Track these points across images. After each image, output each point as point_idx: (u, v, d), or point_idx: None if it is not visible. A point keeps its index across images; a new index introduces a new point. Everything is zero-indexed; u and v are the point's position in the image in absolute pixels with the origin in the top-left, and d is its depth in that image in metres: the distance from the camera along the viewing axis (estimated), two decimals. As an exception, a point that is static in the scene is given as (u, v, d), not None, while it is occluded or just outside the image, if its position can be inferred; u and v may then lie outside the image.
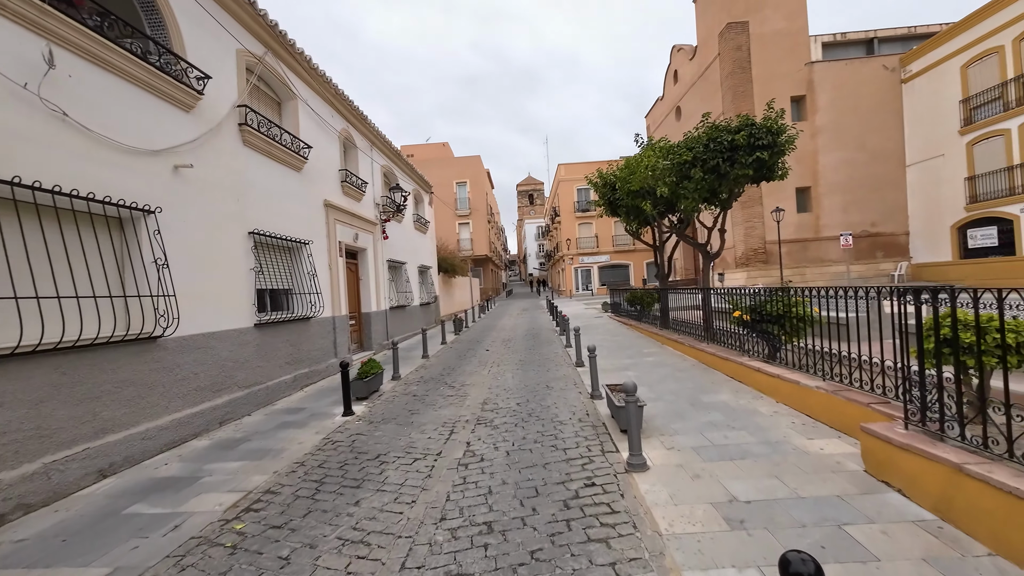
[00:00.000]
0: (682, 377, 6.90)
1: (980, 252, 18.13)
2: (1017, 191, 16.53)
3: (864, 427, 3.45)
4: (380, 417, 5.96)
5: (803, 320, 6.07)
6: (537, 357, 9.75)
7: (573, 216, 38.79)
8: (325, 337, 8.95)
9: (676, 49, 28.36)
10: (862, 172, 21.21)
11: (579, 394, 6.41)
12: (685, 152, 8.26)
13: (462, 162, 38.51)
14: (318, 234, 9.00)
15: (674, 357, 8.55)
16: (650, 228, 13.08)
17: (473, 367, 9.12)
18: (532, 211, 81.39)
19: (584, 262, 38.53)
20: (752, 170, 7.93)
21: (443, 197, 34.94)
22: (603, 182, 12.32)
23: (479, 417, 5.66)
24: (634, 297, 14.40)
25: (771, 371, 5.49)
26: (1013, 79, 16.47)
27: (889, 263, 21.40)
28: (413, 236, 16.22)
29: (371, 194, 12.17)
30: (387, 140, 13.26)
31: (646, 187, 9.47)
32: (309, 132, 8.90)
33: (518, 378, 7.77)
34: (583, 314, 19.60)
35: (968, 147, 18.22)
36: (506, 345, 11.96)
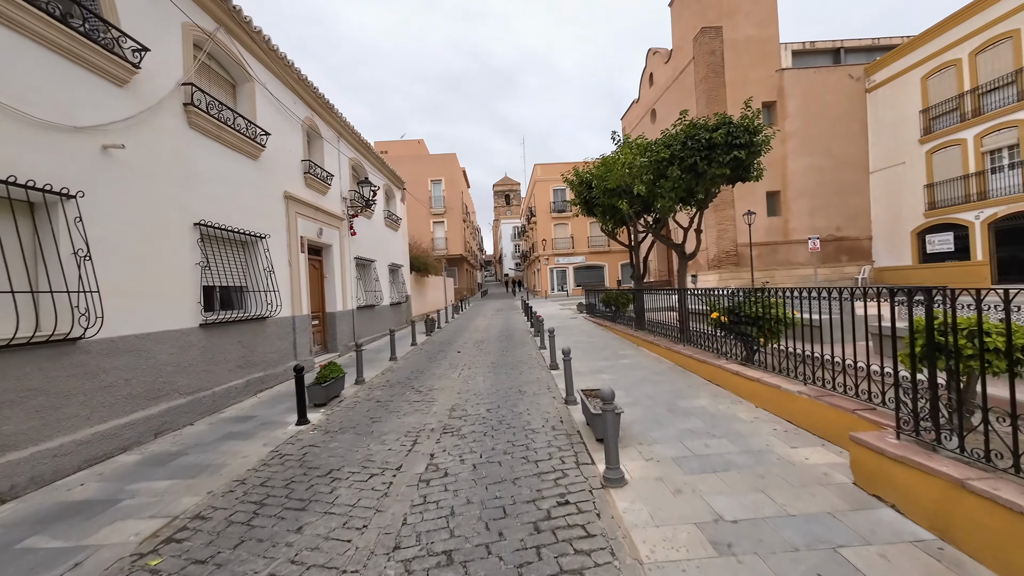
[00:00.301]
0: (659, 380, 6.68)
1: (937, 257, 18.84)
2: (972, 199, 17.23)
3: (854, 437, 3.24)
4: (338, 426, 5.48)
5: (781, 322, 5.96)
6: (510, 359, 9.40)
7: (549, 216, 38.69)
8: (283, 338, 8.36)
9: (652, 52, 28.59)
10: (828, 178, 21.79)
11: (553, 399, 6.09)
12: (663, 150, 8.08)
13: (437, 160, 37.88)
14: (277, 228, 8.40)
15: (650, 359, 8.35)
16: (626, 228, 12.94)
17: (443, 370, 8.70)
18: (508, 211, 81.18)
19: (560, 263, 38.48)
20: (729, 169, 7.81)
21: (417, 195, 34.23)
22: (579, 180, 12.09)
23: (446, 425, 5.26)
24: (609, 298, 14.24)
25: (750, 375, 5.30)
26: (969, 91, 17.17)
27: (853, 267, 22.06)
28: (383, 233, 15.63)
29: (337, 188, 11.57)
30: (356, 132, 12.67)
31: (623, 185, 9.26)
32: (268, 118, 8.30)
33: (489, 382, 7.40)
34: (558, 315, 19.39)
35: (928, 156, 18.93)
36: (478, 347, 11.57)
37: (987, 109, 16.63)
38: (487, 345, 11.76)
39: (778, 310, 5.88)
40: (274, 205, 8.41)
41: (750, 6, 22.01)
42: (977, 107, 16.94)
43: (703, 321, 8.03)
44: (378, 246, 14.77)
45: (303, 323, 9.03)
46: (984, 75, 16.68)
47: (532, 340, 12.15)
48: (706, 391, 5.95)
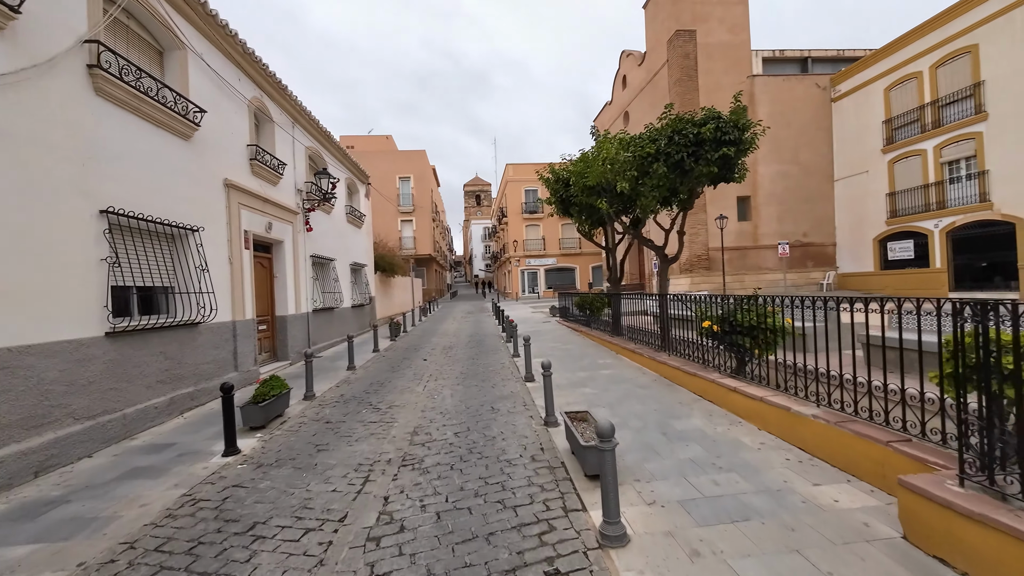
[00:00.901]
0: (645, 396, 6.07)
1: (898, 264, 19.35)
2: (932, 207, 17.73)
3: (905, 482, 2.66)
4: (274, 456, 4.56)
5: (777, 332, 5.47)
6: (481, 369, 8.62)
7: (521, 217, 38.10)
8: (221, 347, 7.28)
9: (625, 54, 28.48)
10: (796, 184, 22.12)
11: (530, 419, 5.36)
12: (648, 144, 7.53)
13: (406, 156, 36.59)
14: (214, 220, 7.32)
15: (632, 370, 7.76)
16: (603, 230, 12.41)
17: (406, 382, 7.83)
18: (479, 212, 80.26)
19: (531, 264, 37.95)
20: (717, 167, 7.33)
21: (385, 192, 32.90)
22: (555, 178, 11.46)
23: (406, 455, 4.44)
24: (584, 302, 13.69)
25: (752, 392, 4.74)
26: (930, 103, 17.68)
27: (818, 272, 22.48)
28: (345, 230, 14.53)
29: (291, 178, 10.48)
30: (313, 119, 11.59)
31: (603, 183, 8.67)
32: (205, 94, 7.21)
33: (458, 396, 6.61)
34: (530, 318, 18.74)
35: (890, 165, 19.43)
36: (447, 354, 10.72)
37: (946, 121, 17.14)
38: (456, 352, 10.93)
39: (774, 319, 5.42)
40: (211, 194, 7.32)
41: (723, 11, 22.11)
42: (937, 119, 17.45)
43: (687, 328, 7.53)
44: (339, 244, 13.68)
45: (246, 328, 7.96)
46: (944, 88, 17.20)
47: (504, 346, 11.41)
48: (699, 409, 5.37)
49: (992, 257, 15.96)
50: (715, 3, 22.07)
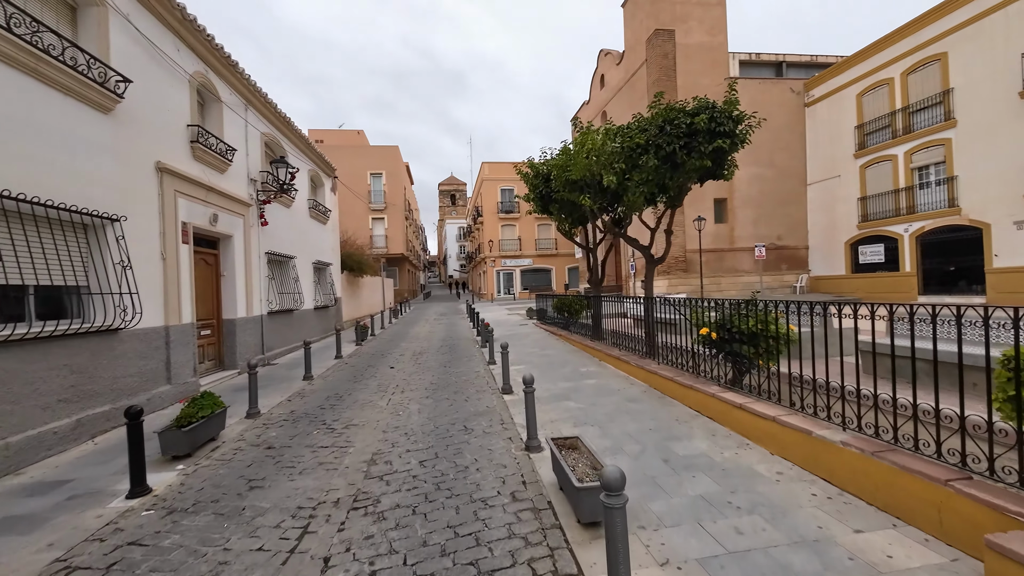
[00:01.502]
0: (638, 412, 5.44)
1: (869, 267, 19.60)
2: (902, 212, 17.99)
3: (996, 544, 2.09)
4: (193, 498, 3.69)
5: (780, 340, 4.96)
6: (453, 379, 7.85)
7: (496, 217, 37.38)
8: (149, 356, 6.27)
9: (603, 53, 28.18)
10: (771, 187, 22.21)
11: (509, 441, 4.64)
12: (637, 134, 6.94)
13: (378, 152, 35.32)
14: (143, 209, 6.30)
15: (618, 379, 7.15)
16: (583, 229, 11.83)
17: (368, 394, 6.98)
18: (454, 211, 79.15)
19: (506, 265, 37.27)
20: (710, 161, 6.80)
21: (356, 188, 31.61)
22: (535, 173, 10.79)
23: (359, 492, 3.65)
24: (562, 304, 13.11)
25: (762, 411, 4.16)
26: (900, 109, 17.94)
27: (792, 275, 22.65)
28: (308, 226, 13.46)
29: (243, 166, 9.45)
30: (270, 102, 10.55)
31: (587, 177, 8.05)
32: (133, 63, 6.19)
33: (427, 413, 5.82)
34: (506, 321, 18.03)
35: (861, 170, 19.66)
36: (417, 360, 9.89)
37: (917, 127, 17.41)
38: (427, 358, 10.11)
39: (777, 325, 4.92)
40: (140, 178, 6.29)
41: (701, 12, 22.01)
42: (908, 125, 17.71)
43: (673, 333, 6.99)
44: (300, 240, 12.62)
45: (183, 334, 6.94)
46: (914, 95, 17.46)
47: (479, 352, 10.65)
48: (700, 428, 4.78)
49: (960, 261, 16.25)
50: (694, 4, 21.95)
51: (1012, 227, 14.57)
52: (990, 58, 14.94)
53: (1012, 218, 14.56)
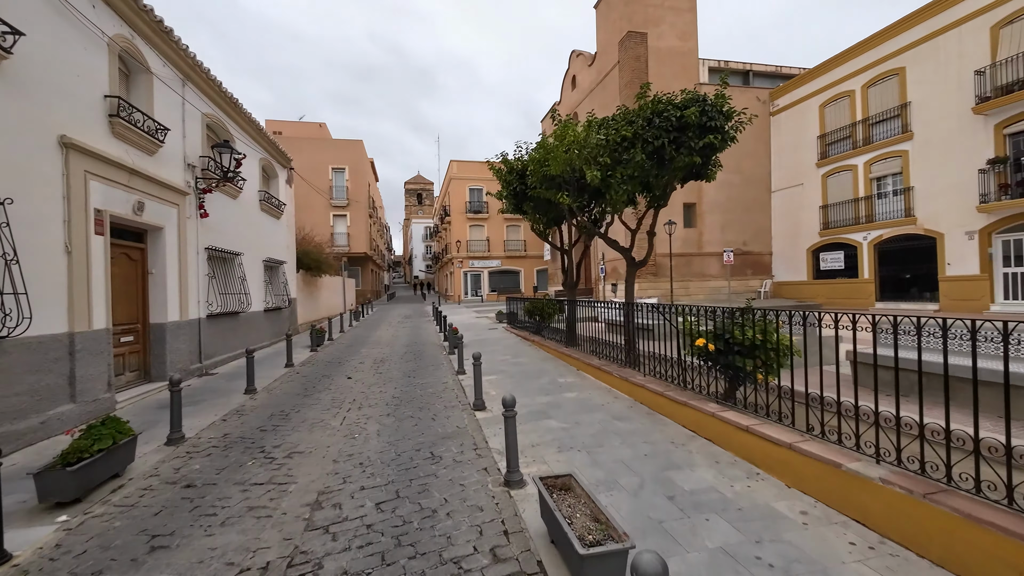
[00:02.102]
0: (627, 432, 4.87)
1: (830, 274, 20.12)
2: (861, 221, 18.53)
3: None
4: (68, 568, 2.78)
5: (781, 352, 4.54)
6: (418, 392, 7.06)
7: (464, 217, 36.50)
8: (45, 369, 5.16)
9: (575, 55, 27.95)
10: (737, 194, 22.52)
11: (484, 473, 3.95)
12: (623, 127, 6.41)
13: (341, 146, 33.71)
14: (40, 191, 5.21)
15: (600, 392, 6.58)
16: (558, 229, 11.28)
17: (320, 411, 6.10)
18: (420, 211, 77.60)
19: (474, 266, 36.45)
20: (700, 157, 6.37)
21: (317, 183, 30.03)
22: (509, 168, 10.13)
23: (296, 552, 2.86)
24: (534, 308, 12.50)
25: (774, 436, 3.66)
26: (861, 121, 18.50)
27: (756, 280, 23.06)
28: (258, 220, 12.27)
29: (179, 149, 8.31)
30: (214, 80, 9.40)
31: (567, 172, 7.47)
32: (27, 11, 5.10)
33: (387, 435, 5.04)
34: (475, 324, 17.27)
35: (823, 179, 20.18)
36: (377, 369, 9.01)
37: (876, 139, 17.97)
38: (389, 367, 9.24)
39: (779, 336, 4.50)
40: (35, 153, 5.19)
41: (673, 17, 22.08)
42: (867, 136, 18.27)
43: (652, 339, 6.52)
44: (249, 235, 11.44)
45: (94, 342, 5.83)
46: (874, 107, 18.03)
47: (446, 360, 9.88)
48: (700, 452, 4.24)
49: (915, 269, 16.83)
50: (666, 8, 21.99)
51: (964, 237, 15.16)
52: (945, 74, 15.53)
53: (964, 228, 15.15)
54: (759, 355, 4.67)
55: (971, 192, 14.70)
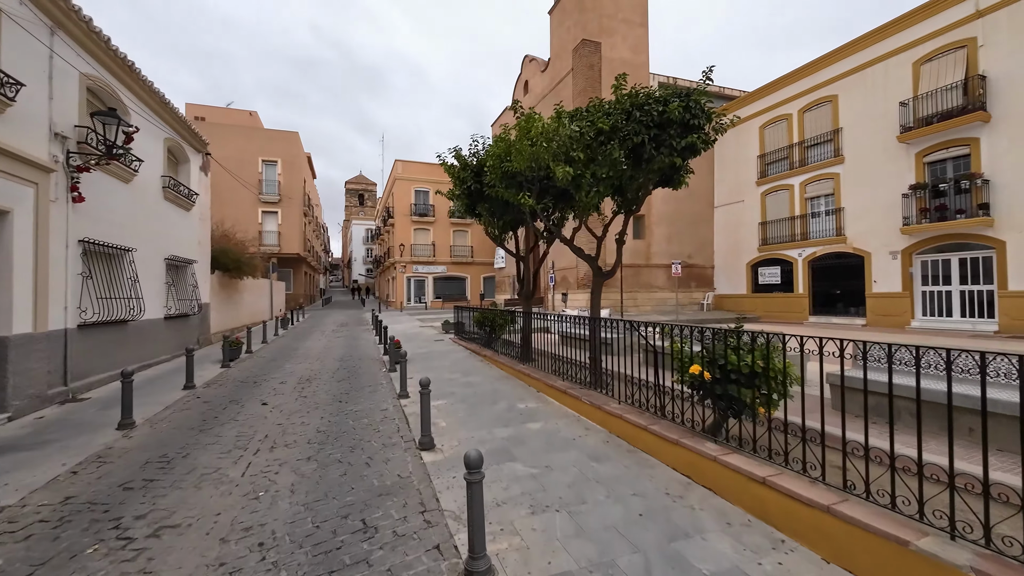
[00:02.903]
0: (610, 479, 4.01)
1: (767, 288, 20.91)
2: (797, 238, 19.40)
3: None
4: None
5: (784, 380, 3.95)
6: (351, 423, 5.82)
7: (409, 220, 34.81)
8: None
9: (528, 60, 27.56)
10: (683, 207, 22.96)
11: (437, 557, 2.90)
12: (600, 119, 5.66)
13: (274, 137, 30.92)
14: None
15: (568, 422, 5.72)
16: (514, 233, 10.42)
17: (215, 455, 4.72)
18: (362, 212, 74.20)
19: (418, 271, 34.81)
20: (681, 158, 5.76)
21: (245, 175, 27.22)
22: (462, 165, 9.14)
23: None
24: (485, 318, 11.53)
25: (806, 496, 2.94)
26: (797, 143, 19.44)
27: (700, 292, 23.61)
28: (159, 210, 10.32)
29: (44, 113, 6.52)
30: (100, 35, 7.61)
31: (531, 170, 6.62)
32: None
33: (304, 493, 3.83)
34: (419, 335, 15.95)
35: (762, 196, 21.02)
36: (302, 391, 7.60)
37: (810, 161, 18.93)
38: (316, 388, 7.84)
39: (785, 363, 3.89)
40: None
41: (626, 29, 22.25)
42: (803, 158, 19.22)
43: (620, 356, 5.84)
44: (146, 228, 9.52)
45: None
46: (809, 131, 19.01)
47: (386, 378, 8.62)
48: (704, 508, 3.46)
49: (845, 285, 17.76)
50: (619, 20, 22.12)
51: (888, 256, 16.15)
52: (873, 104, 16.58)
53: (888, 248, 16.15)
54: (759, 384, 4.05)
55: (896, 214, 15.69)
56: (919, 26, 15.26)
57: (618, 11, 22.21)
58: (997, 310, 13.47)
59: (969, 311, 14.19)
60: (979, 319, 13.91)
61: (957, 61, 14.26)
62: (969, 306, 14.19)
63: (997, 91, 13.44)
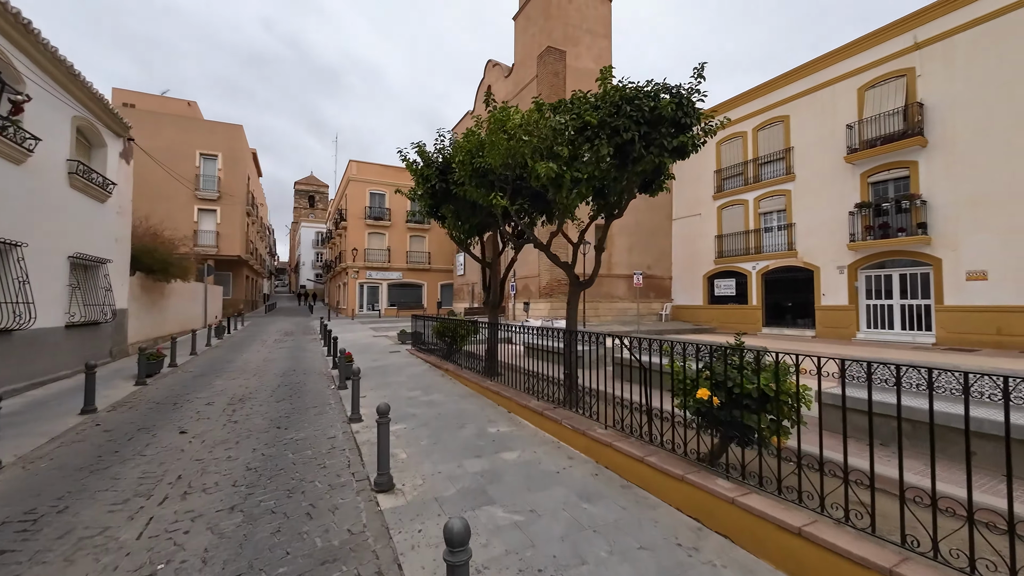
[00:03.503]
0: (610, 527, 3.38)
1: (723, 300, 21.39)
2: (751, 251, 19.98)
3: None
4: None
5: (791, 404, 3.55)
6: (290, 456, 4.87)
7: (363, 223, 33.18)
8: None
9: (491, 64, 27.14)
10: (643, 218, 23.19)
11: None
12: (588, 112, 5.13)
13: (215, 129, 28.53)
14: None
15: (549, 449, 5.06)
16: (480, 239, 9.73)
17: (104, 508, 3.66)
18: (312, 214, 70.85)
19: (372, 277, 33.18)
20: (671, 159, 5.34)
21: (179, 169, 24.88)
22: (427, 162, 8.37)
23: None
24: (445, 328, 10.73)
25: (860, 555, 2.43)
26: (752, 160, 20.11)
27: (658, 303, 23.85)
28: (65, 200, 8.79)
29: None
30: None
31: (505, 167, 5.99)
32: None
33: (221, 564, 2.92)
34: (373, 345, 14.81)
35: (719, 210, 21.58)
36: (232, 415, 6.48)
37: (764, 177, 19.62)
38: (250, 410, 6.74)
39: (799, 386, 3.49)
40: None
41: (590, 40, 22.34)
42: (757, 174, 19.89)
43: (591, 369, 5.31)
44: (44, 219, 8.02)
45: None
46: (763, 149, 19.72)
47: (334, 396, 7.62)
48: (728, 565, 2.90)
49: (796, 298, 18.40)
50: (584, 30, 22.18)
51: (835, 271, 16.85)
52: (821, 125, 17.38)
53: (835, 263, 16.85)
54: (770, 409, 3.61)
55: (843, 231, 16.40)
56: (863, 54, 16.16)
57: (583, 21, 22.28)
58: (934, 323, 14.26)
59: (909, 324, 14.96)
60: (918, 332, 14.68)
61: (898, 89, 15.16)
62: (909, 319, 14.97)
63: (934, 118, 14.36)
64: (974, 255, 13.46)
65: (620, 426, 4.73)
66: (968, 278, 13.54)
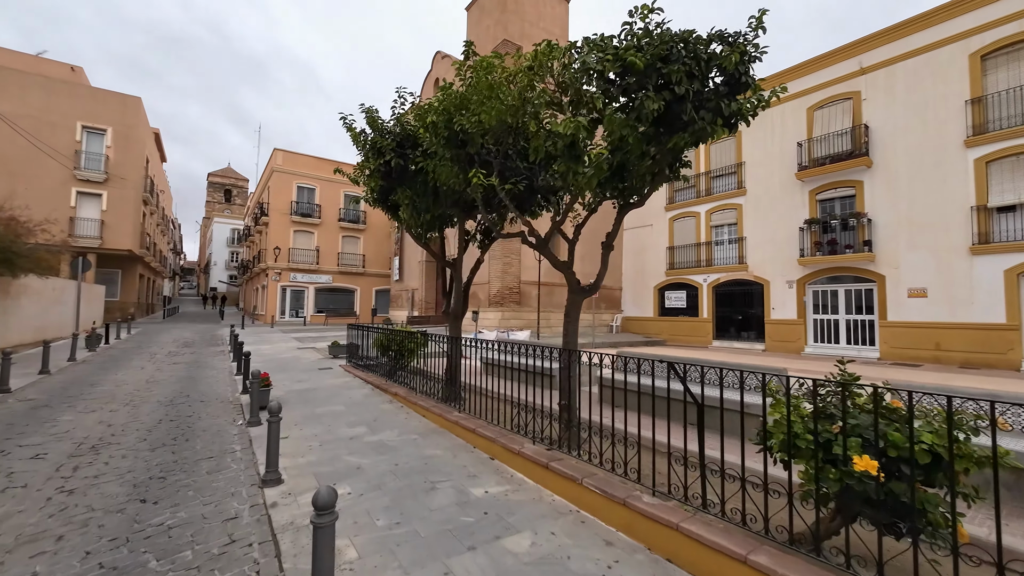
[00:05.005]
0: None
1: (673, 311, 21.19)
2: (702, 264, 19.95)
3: None
4: None
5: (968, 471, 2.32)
6: (159, 554, 2.89)
7: (288, 219, 29.70)
8: None
9: (440, 56, 25.42)
10: (595, 226, 22.34)
11: None
12: (631, 52, 3.72)
13: (104, 99, 23.87)
14: None
15: (572, 528, 3.51)
16: (441, 234, 8.04)
17: None
18: (228, 210, 64.07)
19: (297, 280, 29.71)
20: (723, 128, 4.12)
21: (55, 143, 20.43)
22: (379, 131, 6.56)
23: None
24: (389, 341, 8.89)
25: None
26: (704, 173, 20.18)
27: (608, 314, 23.27)
28: None
29: None
30: None
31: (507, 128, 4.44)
32: None
33: None
34: (298, 360, 12.36)
35: (671, 222, 21.45)
36: (69, 478, 4.22)
37: (716, 191, 19.72)
38: (105, 468, 4.50)
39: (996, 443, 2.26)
40: None
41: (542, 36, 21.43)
42: (709, 187, 19.97)
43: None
44: None
45: None
46: (715, 162, 19.84)
47: (240, 441, 5.50)
48: None
49: (747, 311, 18.49)
50: (541, 28, 21.31)
51: (784, 285, 17.06)
52: (772, 142, 17.69)
53: (784, 277, 17.07)
54: (937, 479, 2.42)
55: (793, 246, 16.64)
56: (813, 75, 16.64)
57: (539, 19, 21.40)
58: (878, 339, 14.66)
59: (854, 339, 15.33)
60: (863, 346, 15.05)
61: (845, 110, 15.67)
62: (854, 334, 15.34)
63: (877, 140, 14.92)
64: (913, 273, 13.99)
65: (668, 489, 3.33)
66: (909, 295, 14.03)
